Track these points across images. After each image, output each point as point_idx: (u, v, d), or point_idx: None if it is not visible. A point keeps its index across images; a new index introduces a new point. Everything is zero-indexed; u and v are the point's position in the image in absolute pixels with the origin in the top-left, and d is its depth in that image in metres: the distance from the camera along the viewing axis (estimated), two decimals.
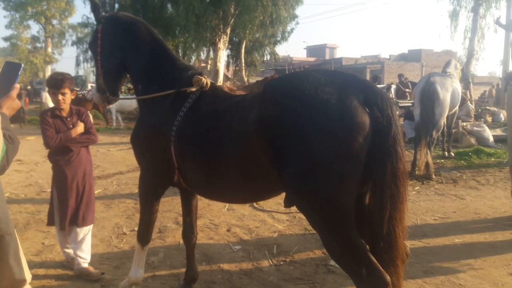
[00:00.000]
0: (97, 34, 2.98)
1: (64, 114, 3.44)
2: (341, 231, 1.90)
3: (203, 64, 24.39)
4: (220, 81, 16.89)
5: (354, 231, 1.91)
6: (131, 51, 2.92)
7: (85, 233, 3.48)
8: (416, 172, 7.03)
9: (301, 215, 4.82)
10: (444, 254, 3.85)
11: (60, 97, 3.34)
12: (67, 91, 3.36)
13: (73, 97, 3.49)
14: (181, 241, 3.91)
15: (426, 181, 6.79)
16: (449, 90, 7.32)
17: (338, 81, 1.95)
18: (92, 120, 3.74)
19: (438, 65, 27.37)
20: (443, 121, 7.34)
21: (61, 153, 3.40)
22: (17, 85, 1.84)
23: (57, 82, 3.35)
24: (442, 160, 8.54)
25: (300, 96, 1.92)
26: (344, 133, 1.82)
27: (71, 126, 3.42)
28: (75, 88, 3.57)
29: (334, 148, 1.82)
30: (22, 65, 1.95)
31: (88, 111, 3.73)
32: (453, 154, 8.87)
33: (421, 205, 5.50)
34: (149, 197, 2.86)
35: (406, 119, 10.26)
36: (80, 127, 3.44)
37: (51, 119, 3.37)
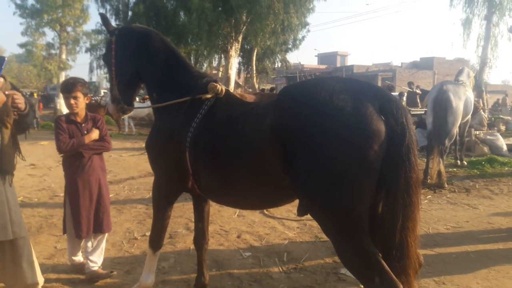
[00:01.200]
0: (111, 45, 3.03)
1: (79, 119, 3.47)
2: (354, 239, 1.90)
3: (214, 71, 24.52)
4: (231, 88, 16.96)
5: (367, 239, 1.90)
6: (145, 61, 2.96)
7: (102, 239, 3.52)
8: (428, 181, 6.97)
9: (312, 223, 4.83)
10: (456, 264, 3.80)
11: (72, 101, 3.37)
12: (79, 95, 3.38)
13: (87, 101, 3.51)
14: (192, 247, 3.93)
15: (438, 190, 6.72)
16: (462, 99, 7.27)
17: (353, 89, 1.95)
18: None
19: (451, 73, 27.17)
20: (455, 129, 7.28)
21: (74, 159, 3.41)
22: (1, 79, 1.81)
23: (69, 86, 3.39)
24: (455, 169, 8.46)
25: (314, 103, 1.93)
26: (359, 141, 1.82)
27: (85, 132, 3.44)
28: (89, 94, 3.58)
29: (349, 156, 1.82)
30: (6, 58, 1.90)
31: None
32: (465, 163, 8.77)
33: (433, 214, 5.45)
34: (162, 203, 2.89)
35: (418, 127, 10.18)
36: (95, 134, 3.45)
37: (65, 124, 3.40)
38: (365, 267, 1.91)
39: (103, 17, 3.11)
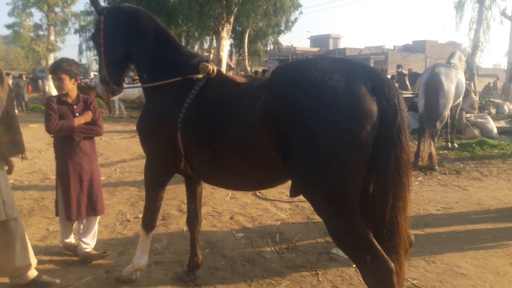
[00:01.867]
0: (99, 25, 2.96)
1: (70, 101, 3.41)
2: (346, 218, 1.91)
3: (206, 53, 24.28)
4: (223, 71, 16.82)
5: (358, 218, 1.92)
6: (135, 41, 2.90)
7: (94, 221, 3.51)
8: (419, 163, 7.04)
9: (304, 204, 4.87)
10: (446, 244, 3.87)
11: (57, 82, 3.33)
12: (63, 76, 3.31)
13: (75, 82, 3.43)
14: (185, 228, 3.95)
15: (429, 171, 6.79)
16: (454, 81, 7.29)
17: (346, 69, 1.94)
18: None
19: (443, 56, 27.20)
20: (447, 112, 7.32)
21: (64, 142, 3.37)
22: None
23: (53, 67, 3.35)
24: (446, 151, 8.54)
25: (307, 83, 1.91)
26: (352, 121, 1.81)
27: (77, 114, 3.39)
28: (79, 75, 3.51)
29: (341, 136, 1.82)
30: None
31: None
32: (456, 145, 8.86)
33: (424, 195, 5.51)
34: (154, 184, 2.87)
35: (409, 110, 10.22)
36: (87, 116, 3.40)
37: (56, 105, 3.34)
38: (357, 246, 1.93)
39: None
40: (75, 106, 3.42)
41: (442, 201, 5.27)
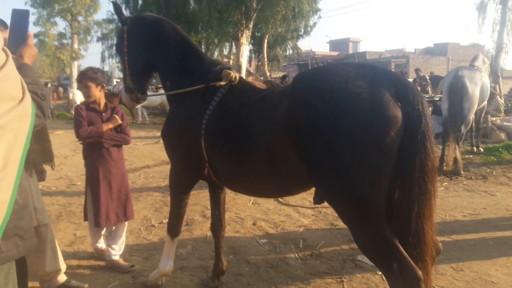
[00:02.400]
0: (123, 35, 3.02)
1: (99, 108, 3.49)
2: (372, 225, 1.90)
3: (225, 60, 24.45)
4: (243, 76, 16.89)
5: (385, 225, 1.90)
6: (158, 50, 2.95)
7: (123, 227, 3.57)
8: (444, 168, 6.91)
9: (327, 210, 4.84)
10: (474, 251, 3.78)
11: (83, 90, 3.43)
12: (89, 84, 3.40)
13: (101, 90, 3.50)
14: (209, 234, 3.98)
15: (455, 176, 6.66)
16: (478, 84, 7.14)
17: (369, 74, 1.93)
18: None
19: (465, 59, 26.70)
20: (472, 116, 7.17)
21: (93, 149, 3.43)
22: (31, 32, 1.76)
23: (80, 76, 3.46)
24: (471, 156, 8.36)
25: (329, 89, 1.91)
26: (376, 127, 1.80)
27: (105, 120, 3.47)
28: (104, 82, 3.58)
29: (366, 143, 1.81)
30: (29, 10, 1.82)
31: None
32: (482, 149, 8.67)
33: (449, 201, 5.41)
34: (179, 190, 2.91)
35: (433, 114, 10.06)
36: (114, 121, 3.47)
37: (85, 111, 3.42)
38: (383, 253, 1.91)
39: (116, 5, 3.10)
40: (103, 113, 3.49)
41: (468, 207, 5.16)
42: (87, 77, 3.39)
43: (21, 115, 1.15)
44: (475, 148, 8.67)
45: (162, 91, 3.14)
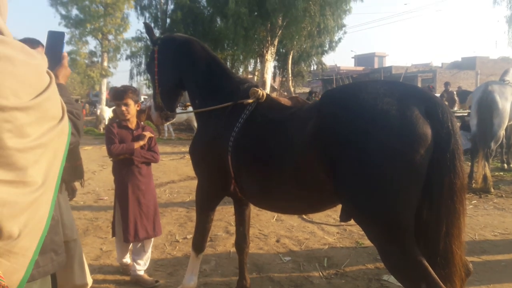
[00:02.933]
0: (154, 55, 3.11)
1: (130, 126, 3.58)
2: (400, 244, 1.87)
3: (250, 76, 24.70)
4: (268, 93, 16.99)
5: (413, 245, 1.87)
6: (187, 69, 3.02)
7: (149, 243, 3.62)
8: (473, 185, 6.73)
9: (352, 228, 4.77)
10: (506, 272, 3.64)
11: (124, 107, 3.49)
12: (129, 102, 3.50)
13: (137, 108, 3.61)
14: (232, 250, 3.99)
15: (484, 194, 6.47)
16: (509, 100, 6.97)
17: (398, 91, 1.93)
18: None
19: (495, 73, 26.07)
20: (502, 131, 6.99)
21: (124, 165, 3.51)
22: (66, 53, 1.80)
23: (120, 93, 3.51)
24: (501, 173, 8.11)
25: (358, 107, 1.92)
26: (405, 145, 1.80)
27: (135, 138, 3.55)
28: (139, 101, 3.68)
29: (395, 161, 1.80)
30: (65, 32, 1.85)
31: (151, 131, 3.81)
32: None
33: (479, 219, 5.25)
34: (205, 206, 2.94)
35: (461, 129, 9.84)
36: (145, 138, 3.55)
37: (116, 129, 3.52)
38: (411, 273, 1.88)
39: (147, 26, 3.21)
40: (134, 131, 3.58)
41: (499, 226, 4.99)
42: (128, 95, 3.49)
43: (60, 133, 1.20)
44: (505, 165, 8.42)
45: (190, 108, 3.20)
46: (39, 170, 1.10)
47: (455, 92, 14.73)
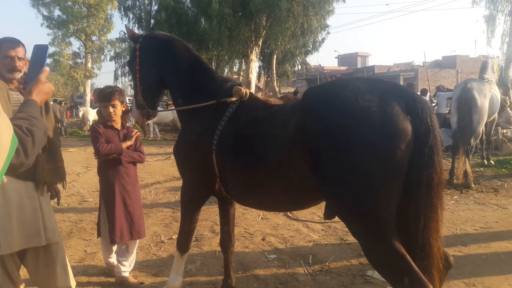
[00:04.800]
0: (135, 53, 3.09)
1: (116, 126, 3.56)
2: (383, 239, 1.90)
3: (235, 76, 24.72)
4: (253, 92, 17.04)
5: (395, 238, 1.90)
6: (169, 67, 3.01)
7: (134, 245, 3.60)
8: (454, 181, 6.86)
9: (336, 225, 4.82)
10: (486, 266, 3.73)
11: (111, 109, 3.47)
12: (117, 103, 3.49)
13: (123, 109, 3.59)
14: (218, 249, 3.99)
15: (465, 190, 6.60)
16: (488, 96, 7.12)
17: (379, 88, 1.96)
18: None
19: (474, 71, 26.47)
20: (481, 128, 7.14)
21: (110, 166, 3.48)
22: (47, 68, 1.70)
23: (107, 95, 3.48)
24: (482, 169, 8.28)
25: (340, 103, 1.94)
26: (386, 141, 1.83)
27: (122, 138, 3.54)
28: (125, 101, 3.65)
29: (376, 156, 1.83)
30: (49, 46, 1.82)
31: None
32: (493, 162, 8.59)
33: (460, 214, 5.35)
34: (190, 206, 2.94)
35: (442, 127, 10.02)
36: (132, 139, 3.54)
37: (102, 129, 3.48)
38: (394, 268, 1.91)
39: (127, 28, 3.24)
40: (120, 131, 3.56)
41: (480, 220, 5.10)
42: (115, 96, 3.47)
43: None
44: (485, 161, 8.59)
45: (173, 107, 3.19)
46: None
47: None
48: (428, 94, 14.77)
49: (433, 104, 12.74)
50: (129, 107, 3.87)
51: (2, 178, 1.06)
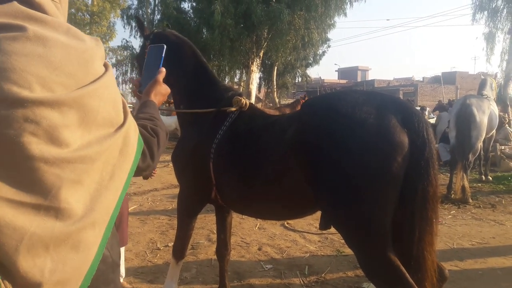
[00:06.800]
0: (145, 49, 3.08)
1: None
2: (378, 251, 1.91)
3: (236, 86, 24.84)
4: (253, 103, 17.11)
5: (390, 250, 1.91)
6: (175, 69, 2.99)
7: (123, 251, 3.57)
8: (452, 196, 6.85)
9: (333, 236, 4.81)
10: (483, 281, 3.72)
11: None
12: None
13: None
14: (214, 258, 3.98)
15: (463, 205, 6.59)
16: (486, 113, 7.16)
17: (376, 101, 1.98)
18: None
19: (474, 87, 26.67)
20: (479, 144, 7.16)
21: None
22: (163, 69, 1.61)
23: None
24: (479, 184, 8.29)
25: (337, 115, 1.96)
26: (383, 153, 1.84)
27: None
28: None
29: (373, 168, 1.85)
30: (165, 46, 1.72)
31: None
32: (491, 178, 8.60)
33: (457, 229, 5.35)
34: (186, 213, 2.94)
35: (441, 142, 10.05)
36: None
37: None
38: (389, 279, 1.91)
39: (139, 21, 3.15)
40: None
41: (477, 235, 5.09)
42: None
43: (118, 147, 0.92)
44: (483, 177, 8.60)
45: (172, 106, 3.18)
46: (80, 194, 0.81)
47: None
48: (427, 109, 14.87)
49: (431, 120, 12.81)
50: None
51: (130, 181, 0.98)
